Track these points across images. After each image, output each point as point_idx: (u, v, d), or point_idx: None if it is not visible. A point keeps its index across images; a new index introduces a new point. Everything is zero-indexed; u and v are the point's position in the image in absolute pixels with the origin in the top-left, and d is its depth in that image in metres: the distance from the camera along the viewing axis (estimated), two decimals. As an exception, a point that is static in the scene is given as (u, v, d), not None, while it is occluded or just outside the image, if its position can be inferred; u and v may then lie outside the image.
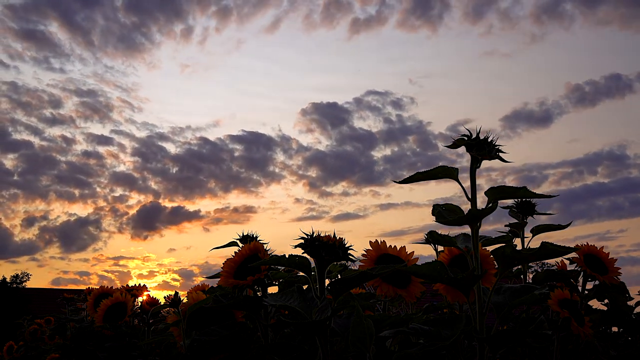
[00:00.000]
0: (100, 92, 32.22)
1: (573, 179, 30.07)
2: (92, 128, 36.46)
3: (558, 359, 1.82)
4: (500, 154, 1.38)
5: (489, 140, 1.36)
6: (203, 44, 32.28)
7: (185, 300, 2.01)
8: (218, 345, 1.67)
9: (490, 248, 1.56)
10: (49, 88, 31.98)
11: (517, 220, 2.30)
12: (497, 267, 1.48)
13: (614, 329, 2.29)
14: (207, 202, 34.47)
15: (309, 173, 32.78)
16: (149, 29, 31.58)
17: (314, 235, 1.49)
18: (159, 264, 28.09)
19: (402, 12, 30.83)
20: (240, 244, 2.01)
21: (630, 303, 2.14)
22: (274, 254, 1.63)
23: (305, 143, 33.83)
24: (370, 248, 1.64)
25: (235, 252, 1.76)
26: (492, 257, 1.53)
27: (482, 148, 1.36)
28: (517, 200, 2.29)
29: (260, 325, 1.70)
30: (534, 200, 2.26)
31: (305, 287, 1.60)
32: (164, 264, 27.16)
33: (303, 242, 1.49)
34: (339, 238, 1.50)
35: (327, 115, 33.07)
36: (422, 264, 1.45)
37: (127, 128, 36.67)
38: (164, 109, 38.68)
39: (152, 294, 2.96)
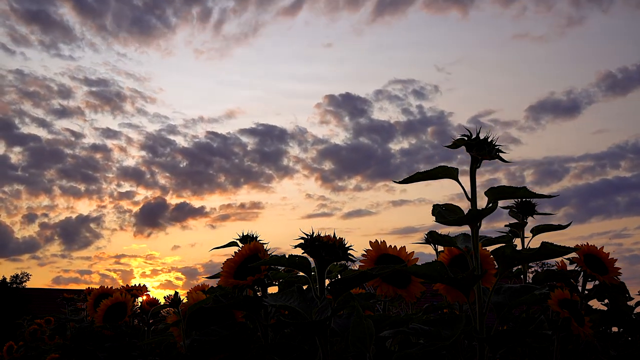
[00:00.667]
0: (112, 81, 30.79)
1: (595, 173, 28.33)
2: (101, 120, 35.29)
3: (558, 359, 1.82)
4: (500, 154, 1.38)
5: (489, 140, 1.36)
6: (219, 28, 30.28)
7: (186, 300, 2.01)
8: (218, 345, 1.67)
9: (490, 248, 1.56)
10: (57, 77, 31.10)
11: (517, 220, 2.30)
12: (497, 267, 1.48)
13: (614, 329, 2.29)
14: (215, 197, 33.05)
15: (323, 166, 30.91)
16: (164, 12, 29.81)
17: (314, 235, 1.49)
18: (163, 262, 27.34)
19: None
20: (240, 244, 2.01)
21: (630, 303, 2.14)
22: (275, 254, 1.63)
23: (321, 135, 32.24)
24: (370, 248, 1.64)
25: (235, 252, 1.77)
26: (492, 257, 1.53)
27: (482, 148, 1.36)
28: (517, 201, 2.29)
29: (260, 325, 1.70)
30: (534, 200, 2.26)
31: (305, 287, 1.60)
32: (168, 262, 26.73)
33: (303, 242, 1.49)
34: (339, 238, 1.50)
35: (344, 106, 31.28)
36: (422, 264, 1.45)
37: (137, 120, 35.25)
38: (177, 100, 36.89)
39: (155, 293, 2.97)
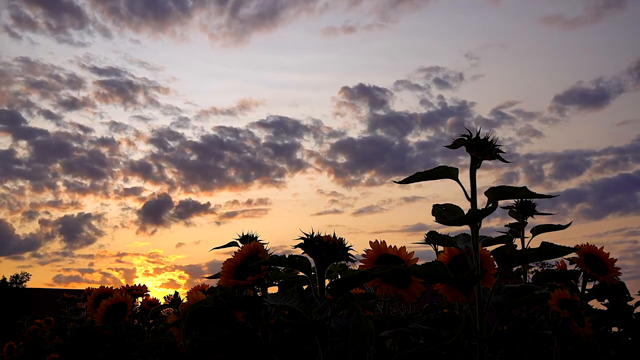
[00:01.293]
0: (123, 70, 29.65)
1: (617, 167, 27.56)
2: (109, 112, 33.90)
3: (558, 359, 1.82)
4: (500, 154, 1.38)
5: (489, 140, 1.36)
6: (236, 13, 29.10)
7: (186, 300, 2.01)
8: (218, 345, 1.67)
9: (490, 248, 1.56)
10: (66, 65, 29.80)
11: (517, 220, 2.30)
12: (497, 267, 1.48)
13: (614, 329, 2.29)
14: (224, 193, 32.33)
15: (337, 160, 29.63)
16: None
17: (314, 236, 1.49)
18: (166, 260, 26.55)
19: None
20: (240, 244, 2.01)
21: (630, 303, 2.14)
22: (275, 254, 1.63)
23: (336, 127, 31.06)
24: (370, 248, 1.64)
25: (235, 252, 1.77)
26: (492, 257, 1.53)
27: (482, 148, 1.36)
28: (517, 201, 2.29)
29: (260, 325, 1.70)
30: (534, 200, 2.26)
31: (305, 287, 1.60)
32: (171, 261, 26.23)
33: (303, 242, 1.49)
34: (339, 238, 1.50)
35: (362, 96, 29.84)
36: (422, 264, 1.45)
37: (147, 112, 33.60)
38: (189, 89, 35.15)
39: (157, 292, 2.97)
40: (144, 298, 2.94)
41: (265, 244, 1.78)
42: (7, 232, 26.74)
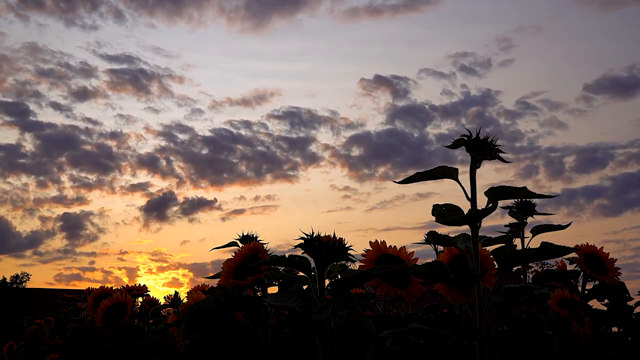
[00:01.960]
0: (136, 58, 28.17)
1: None
2: (121, 103, 32.09)
3: (558, 359, 1.82)
4: (500, 154, 1.38)
5: (489, 141, 1.36)
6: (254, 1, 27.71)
7: (186, 300, 2.01)
8: (218, 345, 1.68)
9: (490, 248, 1.57)
10: (76, 51, 28.04)
11: (517, 220, 2.30)
12: (497, 267, 1.48)
13: (614, 329, 2.29)
14: (234, 189, 30.90)
15: (352, 153, 28.12)
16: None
17: (314, 235, 1.49)
18: (171, 258, 25.75)
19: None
20: (240, 244, 2.01)
21: (630, 303, 2.14)
22: (275, 254, 1.63)
23: (353, 118, 29.25)
24: (370, 248, 1.64)
25: (235, 252, 1.77)
26: (492, 257, 1.53)
27: (482, 148, 1.36)
28: (517, 200, 2.29)
29: (260, 325, 1.70)
30: (534, 200, 2.26)
31: (305, 287, 1.60)
32: (175, 259, 25.28)
33: (303, 242, 1.49)
34: (339, 238, 1.50)
35: (384, 86, 28.61)
36: (422, 264, 1.45)
37: (160, 104, 31.70)
38: (204, 78, 34.03)
39: (160, 291, 2.97)
40: (144, 298, 2.95)
41: (266, 244, 1.78)
42: (8, 229, 26.14)
